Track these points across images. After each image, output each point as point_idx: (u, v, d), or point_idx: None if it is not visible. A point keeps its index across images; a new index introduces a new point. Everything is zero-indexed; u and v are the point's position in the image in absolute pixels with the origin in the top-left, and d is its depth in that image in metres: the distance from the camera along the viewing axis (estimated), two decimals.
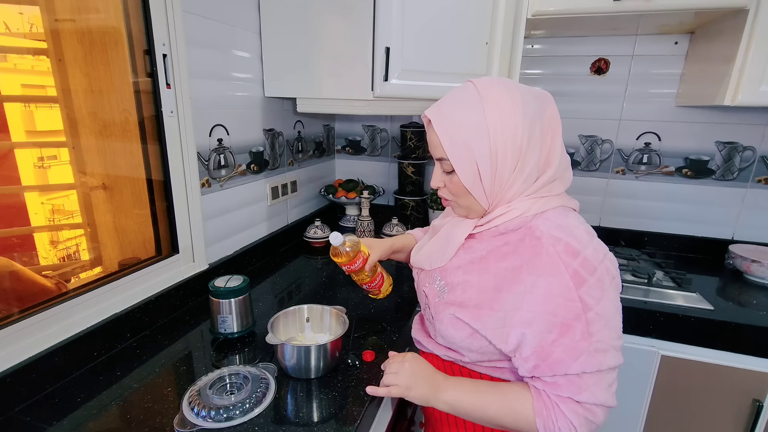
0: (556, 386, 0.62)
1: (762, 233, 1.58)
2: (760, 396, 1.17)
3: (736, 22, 1.19)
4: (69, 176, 1.09)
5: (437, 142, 0.67)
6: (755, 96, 1.17)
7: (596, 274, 0.60)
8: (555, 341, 0.60)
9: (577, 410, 0.61)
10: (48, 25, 1.00)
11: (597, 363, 0.60)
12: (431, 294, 0.76)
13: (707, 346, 1.19)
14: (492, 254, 0.69)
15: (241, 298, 0.96)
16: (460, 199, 0.70)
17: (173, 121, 1.05)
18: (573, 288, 0.59)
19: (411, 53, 1.22)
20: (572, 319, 0.60)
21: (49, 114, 1.07)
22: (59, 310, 0.84)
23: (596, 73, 1.65)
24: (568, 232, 0.63)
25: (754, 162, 1.55)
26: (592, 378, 0.60)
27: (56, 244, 1.18)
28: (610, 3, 1.22)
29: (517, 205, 0.66)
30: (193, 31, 1.07)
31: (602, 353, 0.60)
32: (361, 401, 0.77)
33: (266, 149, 1.44)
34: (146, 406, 0.75)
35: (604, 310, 0.60)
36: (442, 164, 0.69)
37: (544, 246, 0.62)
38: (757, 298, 1.31)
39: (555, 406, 0.62)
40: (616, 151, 1.69)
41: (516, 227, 0.67)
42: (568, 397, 0.61)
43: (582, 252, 0.61)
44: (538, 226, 0.65)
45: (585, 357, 0.59)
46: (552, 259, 0.61)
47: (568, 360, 0.60)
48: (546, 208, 0.66)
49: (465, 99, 0.66)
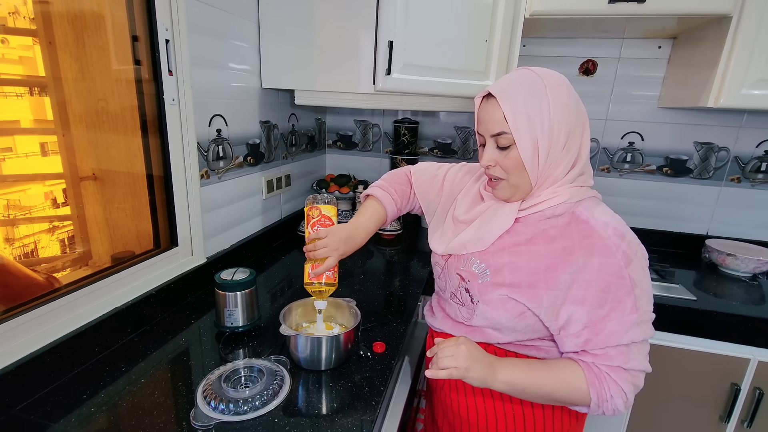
0: (607, 357, 0.67)
1: (735, 229, 1.69)
2: (737, 380, 1.25)
3: (720, 28, 1.26)
4: (26, 168, 1.03)
5: (497, 118, 0.69)
6: (737, 99, 1.24)
7: (638, 255, 0.67)
8: (607, 316, 0.66)
9: (626, 377, 0.67)
10: (39, 8, 0.95)
11: (642, 333, 0.67)
12: (471, 277, 0.76)
13: (691, 334, 1.26)
14: (539, 237, 0.71)
15: (248, 291, 0.94)
16: (512, 176, 0.71)
17: (174, 109, 1.02)
18: (623, 267, 0.65)
19: (413, 48, 1.23)
20: (624, 295, 0.65)
21: (18, 103, 1.01)
22: (59, 305, 0.80)
23: (584, 74, 1.71)
24: (612, 217, 0.70)
25: (728, 162, 1.65)
26: (638, 347, 0.67)
27: (54, 232, 1.12)
28: (605, 5, 1.27)
29: (562, 192, 0.70)
30: (194, 18, 1.04)
31: (646, 324, 0.67)
32: (377, 392, 0.78)
33: (262, 141, 1.42)
34: (157, 401, 0.73)
35: (646, 286, 0.68)
36: (500, 139, 0.70)
37: (595, 229, 0.68)
38: (732, 289, 1.39)
39: (606, 376, 0.67)
40: (602, 149, 1.76)
41: (561, 212, 0.71)
42: (618, 366, 0.67)
43: (626, 235, 0.68)
44: (582, 212, 0.70)
45: (634, 329, 0.66)
46: (604, 241, 0.67)
47: (621, 332, 0.66)
48: (584, 197, 0.72)
49: (526, 79, 0.69)
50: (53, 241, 1.13)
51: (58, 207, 1.13)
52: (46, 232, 1.13)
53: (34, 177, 1.14)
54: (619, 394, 0.67)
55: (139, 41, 0.99)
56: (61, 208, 1.13)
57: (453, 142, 1.91)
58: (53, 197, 1.15)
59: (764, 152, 1.61)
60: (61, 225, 1.14)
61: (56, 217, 1.13)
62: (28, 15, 0.95)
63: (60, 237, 1.14)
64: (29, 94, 1.04)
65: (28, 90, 1.03)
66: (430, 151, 1.94)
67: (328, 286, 0.84)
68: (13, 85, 1.04)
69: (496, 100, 0.69)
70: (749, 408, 1.25)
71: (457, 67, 1.31)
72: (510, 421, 0.79)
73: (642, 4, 1.23)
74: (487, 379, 0.70)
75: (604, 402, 0.67)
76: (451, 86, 1.32)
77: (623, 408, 0.68)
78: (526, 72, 0.70)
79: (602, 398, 0.67)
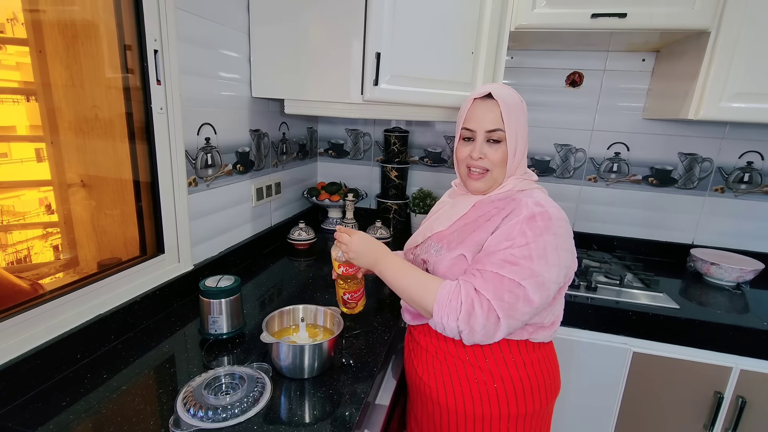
0: (473, 274, 0.77)
1: (719, 238, 1.71)
2: (720, 388, 1.26)
3: (699, 43, 1.30)
4: (19, 174, 1.04)
5: (494, 116, 0.83)
6: (716, 111, 1.27)
7: (548, 222, 0.77)
8: (497, 251, 0.77)
9: (471, 294, 0.75)
10: (29, 16, 0.96)
11: (511, 272, 0.74)
12: (430, 258, 0.89)
13: (674, 342, 1.27)
14: (482, 217, 0.85)
15: (233, 298, 0.94)
16: (496, 169, 0.85)
17: (162, 118, 1.03)
18: (523, 221, 0.77)
19: (400, 59, 1.25)
20: (518, 237, 0.76)
21: (14, 109, 1.01)
22: (42, 311, 0.80)
23: (571, 86, 1.74)
24: (545, 200, 0.82)
25: (711, 172, 1.68)
26: (503, 282, 0.74)
27: (47, 239, 1.12)
28: (588, 20, 1.30)
29: (509, 182, 0.86)
30: (183, 28, 1.06)
31: (517, 267, 0.74)
32: (358, 400, 0.78)
33: (252, 150, 1.43)
34: (137, 408, 0.73)
35: (538, 245, 0.75)
36: (493, 135, 0.84)
37: (520, 201, 0.81)
38: (716, 298, 1.41)
39: (459, 288, 0.76)
40: (589, 159, 1.78)
41: (503, 197, 0.85)
42: (472, 285, 0.76)
43: (547, 209, 0.79)
44: (520, 196, 0.83)
45: (514, 268, 0.74)
46: (520, 205, 0.80)
47: (500, 263, 0.75)
48: (527, 188, 0.86)
49: (511, 93, 0.85)
50: (46, 248, 1.13)
51: (52, 213, 1.14)
52: (40, 239, 1.13)
53: (22, 183, 1.14)
54: (456, 309, 0.74)
55: (128, 50, 1.00)
56: (54, 215, 1.13)
57: (443, 151, 1.93)
58: (48, 203, 1.16)
59: (746, 163, 1.64)
60: (53, 231, 1.14)
61: (47, 223, 1.14)
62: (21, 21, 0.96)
63: (54, 243, 1.14)
64: (26, 100, 1.05)
65: (26, 97, 1.04)
66: (420, 160, 1.97)
67: None
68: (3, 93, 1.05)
69: (494, 101, 0.82)
70: (732, 416, 1.26)
71: (443, 78, 1.34)
72: (485, 401, 0.85)
73: (623, 18, 1.27)
74: (371, 267, 0.89)
75: (442, 306, 0.76)
76: (437, 97, 1.34)
77: (452, 323, 0.74)
78: (507, 87, 0.86)
79: (441, 299, 0.76)
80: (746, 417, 1.25)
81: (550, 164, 1.82)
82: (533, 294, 0.74)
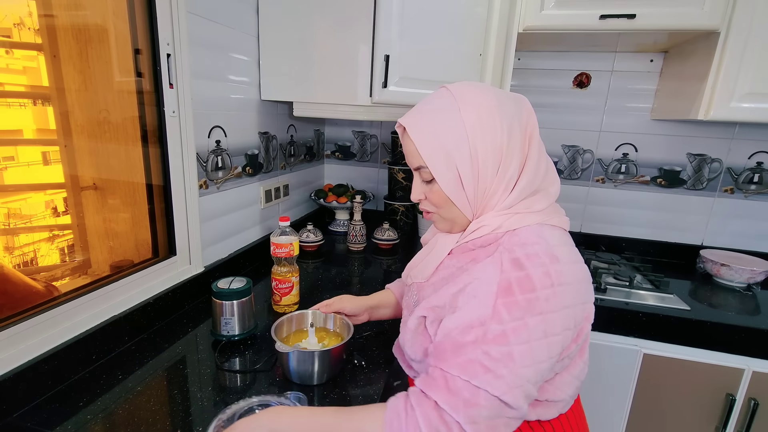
0: (433, 378, 0.56)
1: (729, 239, 1.70)
2: (732, 390, 1.25)
3: (708, 44, 1.29)
4: (28, 178, 1.06)
5: (414, 150, 0.64)
6: (726, 111, 1.27)
7: (530, 294, 0.54)
8: (464, 334, 0.55)
9: (433, 419, 0.52)
10: (44, 21, 0.98)
11: (487, 382, 0.52)
12: (409, 308, 0.75)
13: (685, 344, 1.26)
14: (459, 270, 0.65)
15: (245, 300, 0.95)
16: (442, 210, 0.67)
17: (174, 121, 1.04)
18: (494, 294, 0.55)
19: (409, 61, 1.26)
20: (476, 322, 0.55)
21: (21, 113, 1.03)
22: (58, 313, 0.81)
23: (578, 87, 1.74)
24: (527, 248, 0.57)
25: (721, 173, 1.67)
26: (477, 396, 0.52)
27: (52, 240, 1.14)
28: (596, 21, 1.30)
29: (489, 221, 0.62)
30: (195, 32, 1.07)
31: (494, 375, 0.52)
32: (372, 401, 0.79)
33: (261, 152, 1.44)
34: (152, 408, 0.74)
35: (519, 336, 0.53)
36: (421, 173, 0.66)
37: (496, 258, 0.58)
38: (727, 299, 1.40)
39: (410, 409, 0.55)
40: (597, 160, 1.78)
41: (485, 243, 0.63)
42: (431, 402, 0.54)
43: (529, 270, 0.55)
44: (505, 242, 0.60)
45: (479, 371, 0.52)
46: (494, 264, 0.57)
47: (463, 359, 0.54)
48: (520, 225, 0.61)
49: (440, 103, 0.63)
50: (53, 250, 1.15)
51: (59, 216, 1.15)
52: (46, 241, 1.15)
53: (35, 186, 1.16)
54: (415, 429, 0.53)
55: (141, 54, 1.01)
56: (61, 217, 1.14)
57: None
58: (54, 206, 1.17)
59: (756, 164, 1.63)
60: (61, 234, 1.15)
61: (56, 226, 1.15)
62: (33, 26, 0.97)
63: (60, 246, 1.16)
64: (33, 104, 1.07)
65: (32, 100, 1.05)
66: None
67: None
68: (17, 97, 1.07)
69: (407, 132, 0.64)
70: (745, 418, 1.25)
71: (452, 79, 1.33)
72: None
73: (632, 19, 1.27)
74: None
75: None
76: None
77: None
78: (442, 93, 0.64)
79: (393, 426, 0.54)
80: (759, 419, 1.24)
81: (557, 165, 1.82)
82: (520, 405, 0.53)
